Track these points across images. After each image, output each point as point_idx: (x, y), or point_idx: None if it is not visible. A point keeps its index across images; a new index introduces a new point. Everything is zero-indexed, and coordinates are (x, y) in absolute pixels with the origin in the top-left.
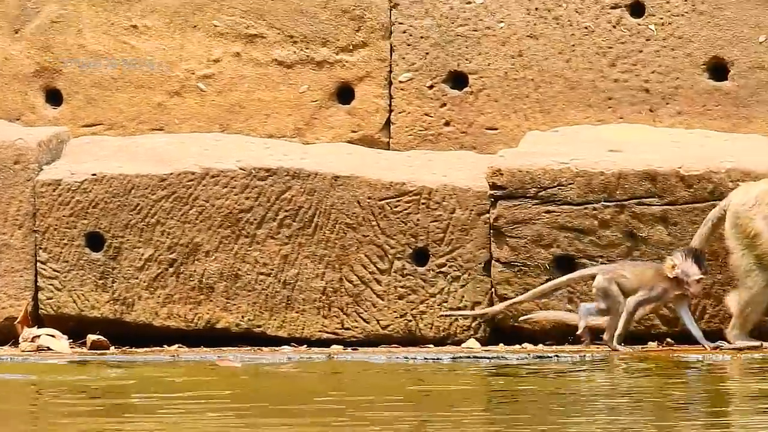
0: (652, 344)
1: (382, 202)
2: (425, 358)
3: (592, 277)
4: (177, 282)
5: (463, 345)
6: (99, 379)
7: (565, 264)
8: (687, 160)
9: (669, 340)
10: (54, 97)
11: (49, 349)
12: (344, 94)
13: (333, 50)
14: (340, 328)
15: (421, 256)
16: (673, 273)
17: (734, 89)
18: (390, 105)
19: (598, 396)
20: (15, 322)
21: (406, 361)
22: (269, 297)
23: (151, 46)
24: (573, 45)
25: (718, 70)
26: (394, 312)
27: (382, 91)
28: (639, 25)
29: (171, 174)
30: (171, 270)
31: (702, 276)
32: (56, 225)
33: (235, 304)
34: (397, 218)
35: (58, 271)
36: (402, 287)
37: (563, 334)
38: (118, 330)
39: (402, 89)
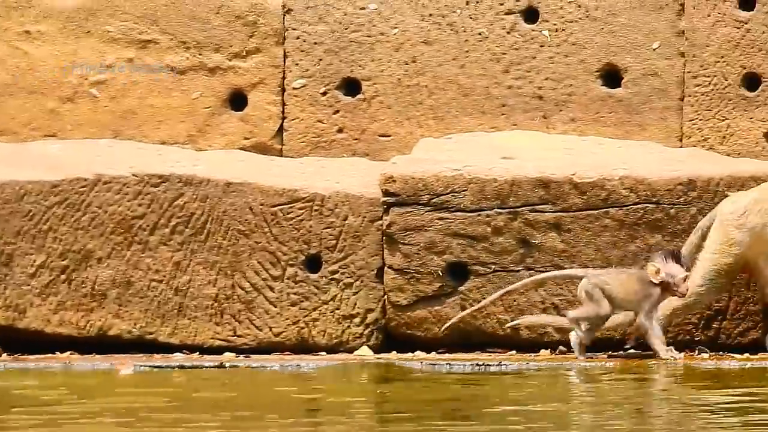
0: (545, 352)
1: (275, 208)
2: (317, 366)
3: (579, 278)
4: (69, 289)
5: (356, 353)
6: None
7: (458, 271)
8: (580, 167)
9: (561, 347)
10: None
11: None
12: (237, 100)
13: (226, 56)
14: (233, 336)
15: (313, 263)
16: (659, 278)
17: (628, 96)
18: (283, 112)
19: (488, 405)
20: None
21: (299, 369)
22: (161, 304)
23: (44, 51)
24: (467, 51)
25: (612, 76)
26: (287, 319)
27: (275, 98)
28: (533, 31)
29: (63, 180)
30: (63, 277)
31: (687, 273)
32: None
33: (127, 311)
34: (290, 225)
35: None
36: (295, 294)
37: (460, 342)
38: (11, 337)
39: (295, 96)
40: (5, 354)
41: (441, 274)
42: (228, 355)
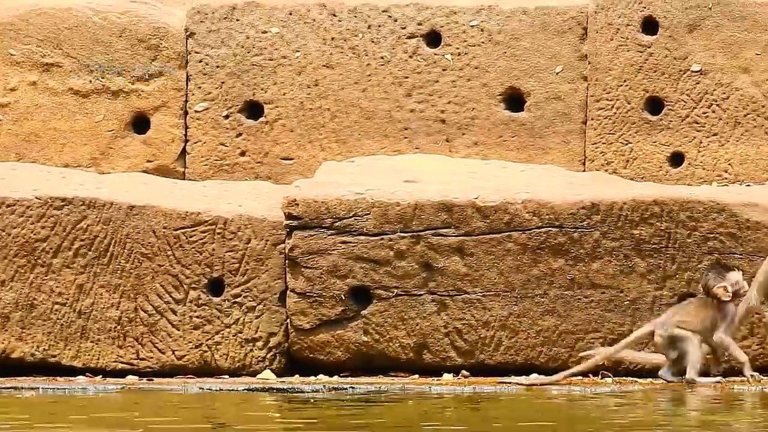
0: (448, 376)
1: (178, 231)
2: (220, 389)
3: (649, 334)
4: None
5: (259, 376)
6: None
7: (360, 295)
8: (483, 191)
9: (464, 372)
10: None
11: None
12: (140, 123)
13: (129, 80)
14: (136, 359)
15: (216, 286)
16: (729, 294)
17: (530, 120)
18: (186, 135)
19: (395, 428)
20: None
21: (201, 392)
22: (64, 326)
23: None
24: (369, 75)
25: (515, 100)
26: (190, 342)
27: (177, 121)
28: (435, 55)
29: None
30: None
31: (740, 271)
32: None
33: (30, 334)
34: (193, 248)
35: None
36: (197, 317)
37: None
38: None
39: (198, 119)
40: None
41: (344, 298)
42: (131, 378)
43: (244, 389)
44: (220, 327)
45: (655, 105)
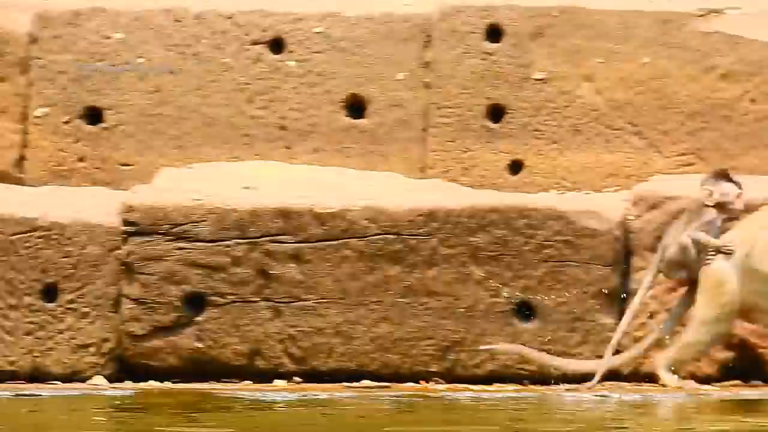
0: (280, 382)
1: (14, 237)
2: (51, 395)
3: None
4: None
5: (90, 382)
6: None
7: (195, 301)
8: (321, 197)
9: (296, 378)
10: None
11: None
12: None
13: None
14: None
15: (50, 292)
16: (712, 200)
17: (372, 127)
18: (25, 140)
19: None
20: None
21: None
22: None
23: None
24: (211, 81)
25: (356, 107)
26: (22, 348)
27: (17, 126)
28: (278, 61)
29: None
30: None
31: (740, 191)
32: None
33: None
34: (28, 254)
35: None
36: (30, 323)
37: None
38: None
39: (38, 124)
40: None
41: (179, 304)
42: None
43: (74, 395)
44: (53, 333)
45: (496, 113)
